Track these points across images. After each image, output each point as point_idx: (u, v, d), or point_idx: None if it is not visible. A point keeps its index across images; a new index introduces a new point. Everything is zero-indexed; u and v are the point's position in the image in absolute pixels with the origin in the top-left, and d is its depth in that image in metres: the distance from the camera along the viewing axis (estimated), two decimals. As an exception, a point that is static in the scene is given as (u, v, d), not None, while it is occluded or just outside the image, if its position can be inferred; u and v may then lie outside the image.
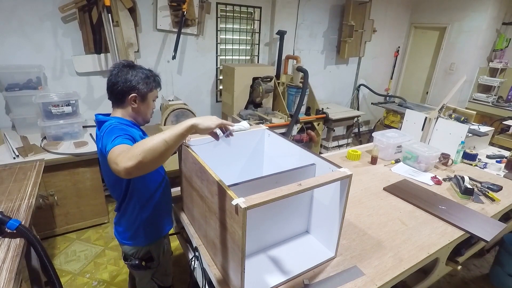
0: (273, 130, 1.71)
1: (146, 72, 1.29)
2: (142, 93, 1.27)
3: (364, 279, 1.25)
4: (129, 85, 1.23)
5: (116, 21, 2.88)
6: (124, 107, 1.28)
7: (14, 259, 1.19)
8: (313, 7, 4.24)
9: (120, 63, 1.28)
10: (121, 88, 1.23)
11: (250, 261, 1.33)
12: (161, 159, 0.94)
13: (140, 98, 1.27)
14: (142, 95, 1.27)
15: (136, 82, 1.24)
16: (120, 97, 1.26)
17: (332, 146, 4.27)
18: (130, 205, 1.35)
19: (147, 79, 1.27)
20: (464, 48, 4.76)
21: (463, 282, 2.43)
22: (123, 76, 1.23)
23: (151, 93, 1.31)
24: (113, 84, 1.24)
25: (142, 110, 1.31)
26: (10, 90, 2.61)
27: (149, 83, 1.28)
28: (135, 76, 1.24)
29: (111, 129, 1.13)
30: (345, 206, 1.23)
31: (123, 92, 1.24)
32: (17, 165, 1.96)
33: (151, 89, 1.30)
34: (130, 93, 1.25)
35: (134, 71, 1.25)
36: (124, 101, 1.26)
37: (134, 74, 1.24)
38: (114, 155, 0.94)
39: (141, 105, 1.29)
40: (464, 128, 2.35)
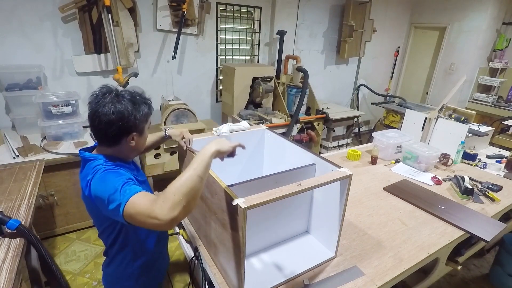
0: (273, 130, 1.71)
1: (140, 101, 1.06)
2: (141, 128, 1.08)
3: (364, 279, 1.25)
4: (128, 125, 1.02)
5: (116, 21, 2.88)
6: (116, 147, 1.06)
7: (14, 259, 1.19)
8: (313, 7, 4.24)
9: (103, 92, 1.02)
10: (118, 130, 1.01)
11: (250, 261, 1.33)
12: (199, 196, 0.89)
13: (138, 134, 1.08)
14: (141, 130, 1.09)
15: (135, 118, 1.03)
16: (116, 139, 1.04)
17: (332, 146, 4.27)
18: (121, 252, 1.18)
19: (143, 110, 1.07)
20: (464, 48, 4.76)
21: (463, 282, 2.43)
22: (117, 113, 0.99)
23: (147, 124, 1.12)
24: (106, 126, 0.99)
25: (139, 145, 1.12)
26: (10, 90, 2.61)
27: (146, 114, 1.09)
28: (132, 112, 1.02)
29: (105, 175, 0.96)
30: (345, 206, 1.23)
31: (120, 134, 1.03)
32: (17, 165, 1.96)
33: (147, 120, 1.11)
34: (130, 134, 1.05)
35: (126, 104, 1.01)
36: (120, 142, 1.05)
37: (130, 109, 1.01)
38: (143, 208, 0.83)
39: (139, 140, 1.10)
40: (464, 128, 2.35)
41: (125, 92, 1.06)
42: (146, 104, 1.09)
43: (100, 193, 0.93)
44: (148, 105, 1.10)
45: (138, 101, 1.06)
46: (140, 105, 1.05)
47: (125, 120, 1.00)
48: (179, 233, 1.67)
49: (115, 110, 0.99)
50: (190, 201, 0.83)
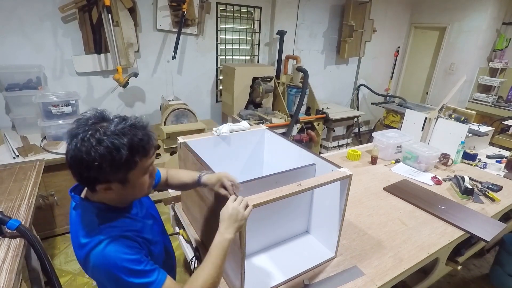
0: (273, 130, 1.71)
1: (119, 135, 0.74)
2: (117, 178, 0.77)
3: (364, 279, 1.25)
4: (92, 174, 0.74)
5: (116, 21, 2.88)
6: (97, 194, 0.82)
7: (14, 259, 1.19)
8: (313, 7, 4.24)
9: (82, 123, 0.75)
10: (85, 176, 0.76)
11: (250, 261, 1.33)
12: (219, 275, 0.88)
13: (117, 184, 0.79)
14: (119, 180, 0.78)
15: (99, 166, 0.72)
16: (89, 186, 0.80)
17: (332, 146, 4.27)
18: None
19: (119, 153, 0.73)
20: (464, 48, 4.76)
21: (463, 282, 2.43)
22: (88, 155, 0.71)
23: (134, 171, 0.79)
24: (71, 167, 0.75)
25: (127, 194, 0.83)
26: (10, 90, 2.61)
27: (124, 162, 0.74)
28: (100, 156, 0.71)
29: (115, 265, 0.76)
30: (345, 206, 1.23)
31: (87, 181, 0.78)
32: (17, 165, 1.96)
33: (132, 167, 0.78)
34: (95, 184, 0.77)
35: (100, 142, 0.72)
36: (95, 190, 0.79)
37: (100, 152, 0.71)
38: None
39: (121, 190, 0.80)
40: (464, 128, 2.35)
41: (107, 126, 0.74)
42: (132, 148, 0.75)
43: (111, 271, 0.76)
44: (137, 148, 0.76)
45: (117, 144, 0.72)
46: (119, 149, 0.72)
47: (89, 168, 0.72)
48: (179, 233, 1.67)
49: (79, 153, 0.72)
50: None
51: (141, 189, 0.85)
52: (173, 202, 1.76)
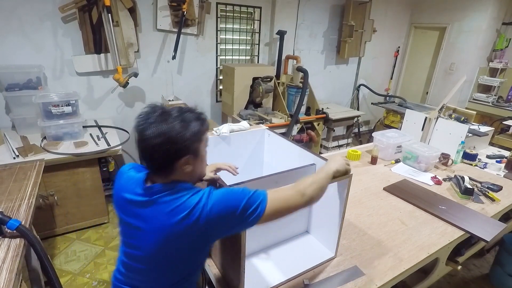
0: (273, 130, 1.71)
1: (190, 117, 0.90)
2: (195, 149, 0.91)
3: (364, 279, 1.25)
4: (178, 148, 0.87)
5: (116, 21, 2.88)
6: (172, 175, 0.91)
7: (14, 259, 1.19)
8: (313, 7, 4.24)
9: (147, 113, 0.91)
10: (167, 154, 0.87)
11: (250, 261, 1.33)
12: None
13: (193, 156, 0.91)
14: (195, 152, 0.91)
15: (184, 138, 0.87)
16: (168, 166, 0.90)
17: (332, 146, 4.27)
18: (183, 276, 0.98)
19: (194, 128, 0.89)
20: (464, 48, 4.76)
21: (463, 282, 2.43)
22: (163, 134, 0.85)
23: (203, 143, 0.94)
24: (154, 150, 0.87)
25: (198, 170, 0.96)
26: (10, 90, 2.61)
27: (198, 132, 0.90)
28: (182, 130, 0.86)
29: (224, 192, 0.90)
30: (345, 206, 1.23)
31: (170, 158, 0.88)
32: (17, 165, 1.96)
33: (200, 138, 0.92)
34: (181, 157, 0.88)
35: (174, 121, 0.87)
36: (173, 169, 0.90)
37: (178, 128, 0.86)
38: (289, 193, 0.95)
39: (196, 164, 0.94)
40: (464, 128, 2.35)
41: (172, 109, 0.91)
42: (198, 120, 0.91)
43: (229, 208, 0.87)
44: (201, 121, 0.92)
45: (188, 118, 0.89)
46: (190, 122, 0.89)
47: (173, 142, 0.85)
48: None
49: (160, 132, 0.85)
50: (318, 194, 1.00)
51: (204, 163, 0.99)
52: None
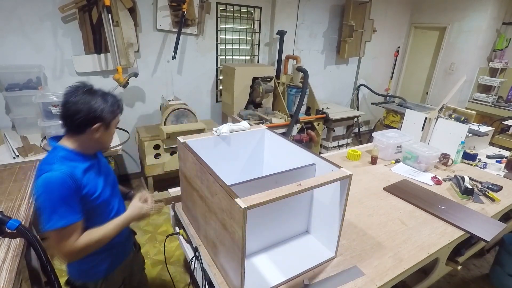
0: (273, 130, 1.71)
1: (110, 98, 1.17)
2: (107, 122, 1.15)
3: (364, 279, 1.25)
4: (94, 115, 1.10)
5: (116, 21, 2.88)
6: (81, 136, 1.14)
7: (14, 259, 1.19)
8: (313, 7, 4.24)
9: (77, 87, 1.13)
10: (83, 118, 1.09)
11: (250, 261, 1.33)
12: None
13: (104, 127, 1.15)
14: (107, 124, 1.16)
15: (101, 110, 1.12)
16: (82, 128, 1.12)
17: (332, 146, 4.27)
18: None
19: (112, 106, 1.15)
20: (464, 48, 4.76)
21: (463, 282, 2.43)
22: (86, 104, 1.09)
23: (115, 120, 1.20)
24: (74, 113, 1.09)
25: (104, 139, 1.20)
26: (10, 90, 2.61)
27: (114, 110, 1.17)
28: (100, 104, 1.12)
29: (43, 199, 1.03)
30: (345, 206, 1.23)
31: (85, 122, 1.11)
32: (17, 165, 1.96)
33: (115, 117, 1.19)
34: (94, 123, 1.12)
35: (96, 97, 1.12)
36: (84, 131, 1.13)
37: (98, 101, 1.12)
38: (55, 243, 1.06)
39: (104, 134, 1.18)
40: (464, 128, 2.35)
41: (98, 89, 1.17)
42: (115, 102, 1.18)
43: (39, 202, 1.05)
44: (117, 104, 1.19)
45: (108, 98, 1.16)
46: (109, 101, 1.15)
47: (92, 110, 1.10)
48: (179, 233, 1.67)
49: (84, 101, 1.10)
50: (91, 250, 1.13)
51: (111, 137, 1.24)
52: (173, 202, 1.76)
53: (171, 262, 2.46)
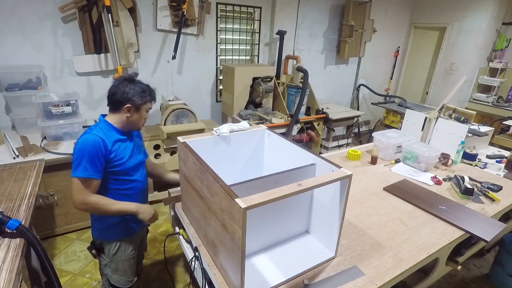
0: (273, 130, 1.71)
1: (144, 86, 1.43)
2: (136, 104, 1.41)
3: (364, 279, 1.25)
4: (126, 97, 1.38)
5: (116, 21, 2.88)
6: (118, 114, 1.43)
7: (14, 259, 1.19)
8: (313, 7, 4.24)
9: (122, 76, 1.44)
10: (119, 98, 1.38)
11: (250, 261, 1.33)
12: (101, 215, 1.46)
13: (134, 108, 1.41)
14: (136, 106, 1.41)
15: (132, 94, 1.38)
16: (117, 106, 1.41)
17: (332, 146, 4.27)
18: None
19: (143, 93, 1.41)
20: (464, 48, 4.76)
21: (463, 282, 2.43)
22: (122, 88, 1.38)
23: (145, 106, 1.44)
24: (112, 94, 1.39)
25: (134, 120, 1.44)
26: (10, 90, 2.61)
27: (144, 96, 1.42)
28: (132, 89, 1.39)
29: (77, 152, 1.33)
30: (345, 206, 1.23)
31: (119, 101, 1.39)
32: (17, 165, 1.96)
33: (145, 102, 1.43)
34: (126, 104, 1.39)
35: (132, 84, 1.40)
36: (119, 109, 1.41)
37: (132, 88, 1.39)
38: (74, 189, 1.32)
39: (134, 115, 1.43)
40: (464, 128, 2.35)
41: (137, 80, 1.45)
42: (147, 91, 1.44)
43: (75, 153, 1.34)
44: (149, 93, 1.45)
45: (141, 87, 1.42)
46: (140, 89, 1.41)
47: (125, 93, 1.38)
48: (179, 233, 1.67)
49: (121, 86, 1.39)
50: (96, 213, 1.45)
51: (141, 120, 1.48)
52: (173, 202, 1.76)
53: (171, 262, 2.46)
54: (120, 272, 1.59)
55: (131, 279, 1.64)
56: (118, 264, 1.57)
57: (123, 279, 1.60)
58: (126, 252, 1.58)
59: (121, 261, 1.58)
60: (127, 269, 1.61)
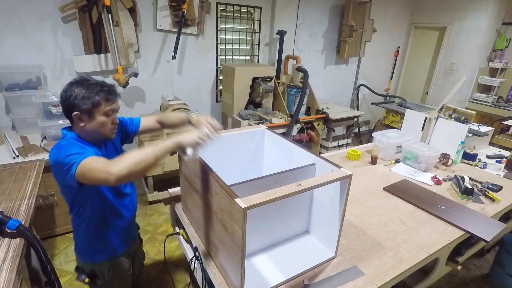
0: (273, 130, 1.71)
1: (92, 85, 1.16)
2: (85, 110, 1.14)
3: (364, 279, 1.25)
4: (71, 103, 1.13)
5: (116, 21, 2.88)
6: (73, 125, 1.20)
7: (14, 259, 1.19)
8: (313, 7, 4.24)
9: (73, 79, 1.19)
10: (66, 106, 1.15)
11: (250, 261, 1.33)
12: (148, 170, 1.05)
13: (85, 116, 1.15)
14: (86, 112, 1.15)
15: (76, 98, 1.12)
16: (68, 115, 1.17)
17: (332, 146, 4.27)
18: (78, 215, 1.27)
19: (90, 93, 1.14)
20: (464, 48, 4.76)
21: (463, 282, 2.43)
22: (68, 93, 1.14)
23: (97, 109, 1.16)
24: (61, 102, 1.17)
25: (92, 128, 1.18)
26: (10, 90, 2.61)
27: (91, 98, 1.14)
28: (76, 93, 1.13)
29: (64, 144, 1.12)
30: (345, 206, 1.23)
31: (67, 110, 1.16)
32: (17, 165, 1.96)
33: (95, 105, 1.15)
34: (73, 111, 1.14)
35: (78, 87, 1.14)
36: (72, 120, 1.18)
37: (77, 91, 1.13)
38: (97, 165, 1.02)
39: (88, 123, 1.17)
40: (464, 128, 2.35)
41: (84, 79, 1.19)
42: (95, 91, 1.15)
43: (57, 158, 1.09)
44: (98, 92, 1.16)
45: (90, 88, 1.15)
46: (90, 91, 1.14)
47: (66, 99, 1.14)
48: (179, 233, 1.67)
49: (62, 93, 1.16)
50: (137, 168, 1.01)
51: (101, 127, 1.19)
52: (173, 202, 1.76)
53: (171, 262, 2.46)
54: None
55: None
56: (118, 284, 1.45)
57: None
58: (122, 271, 1.44)
59: (119, 281, 1.45)
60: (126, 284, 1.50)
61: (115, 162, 1.01)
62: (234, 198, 0.97)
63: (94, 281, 1.37)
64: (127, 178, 1.01)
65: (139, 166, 1.01)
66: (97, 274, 1.37)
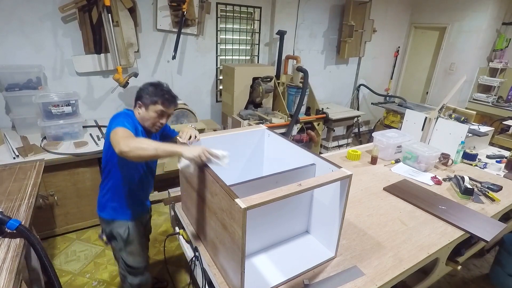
0: (273, 130, 1.71)
1: (159, 90, 1.53)
2: (145, 102, 1.52)
3: (364, 279, 1.25)
4: (138, 95, 1.56)
5: (116, 21, 2.88)
6: (135, 110, 1.58)
7: (14, 259, 1.19)
8: (313, 7, 4.24)
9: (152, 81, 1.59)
10: (137, 95, 1.57)
11: (250, 261, 1.33)
12: (146, 158, 1.30)
13: (143, 106, 1.53)
14: (145, 104, 1.53)
15: (144, 93, 1.53)
16: (135, 101, 1.58)
17: (332, 146, 4.27)
18: (107, 174, 1.58)
19: (154, 95, 1.51)
20: (464, 48, 4.76)
21: (463, 282, 2.43)
22: (143, 87, 1.55)
23: (153, 106, 1.51)
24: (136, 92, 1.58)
25: (142, 116, 1.55)
26: (10, 90, 2.60)
27: (154, 97, 1.51)
28: (148, 90, 1.52)
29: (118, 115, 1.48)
30: (345, 206, 1.23)
31: (136, 97, 1.57)
32: (17, 165, 1.96)
33: (153, 102, 1.51)
34: (138, 100, 1.55)
35: (151, 87, 1.53)
36: (135, 105, 1.57)
37: (150, 89, 1.52)
38: (117, 135, 1.28)
39: (142, 112, 1.55)
40: (464, 128, 2.35)
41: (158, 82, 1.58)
42: (159, 93, 1.52)
43: (114, 117, 1.45)
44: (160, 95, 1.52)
45: (157, 89, 1.53)
46: (156, 92, 1.52)
47: (140, 93, 1.55)
48: (179, 233, 1.67)
49: (141, 86, 1.57)
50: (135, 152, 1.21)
51: (148, 119, 1.54)
52: (173, 202, 1.76)
53: (171, 262, 2.46)
54: (135, 253, 1.68)
55: (146, 257, 1.76)
56: (132, 245, 1.65)
57: (139, 258, 1.70)
58: (137, 232, 1.66)
59: (134, 242, 1.66)
60: (141, 249, 1.71)
61: (130, 139, 1.26)
62: (234, 198, 0.97)
63: (111, 242, 1.67)
64: (125, 154, 1.21)
65: (139, 151, 1.22)
66: (114, 236, 1.63)
